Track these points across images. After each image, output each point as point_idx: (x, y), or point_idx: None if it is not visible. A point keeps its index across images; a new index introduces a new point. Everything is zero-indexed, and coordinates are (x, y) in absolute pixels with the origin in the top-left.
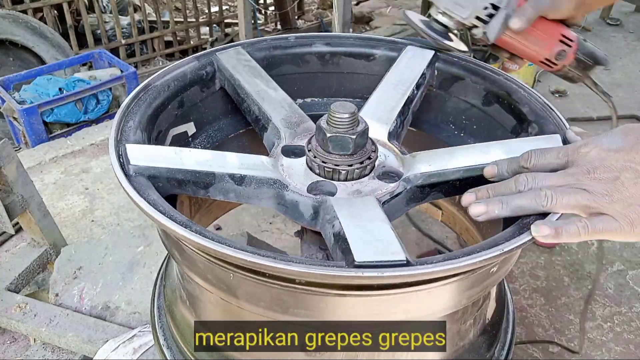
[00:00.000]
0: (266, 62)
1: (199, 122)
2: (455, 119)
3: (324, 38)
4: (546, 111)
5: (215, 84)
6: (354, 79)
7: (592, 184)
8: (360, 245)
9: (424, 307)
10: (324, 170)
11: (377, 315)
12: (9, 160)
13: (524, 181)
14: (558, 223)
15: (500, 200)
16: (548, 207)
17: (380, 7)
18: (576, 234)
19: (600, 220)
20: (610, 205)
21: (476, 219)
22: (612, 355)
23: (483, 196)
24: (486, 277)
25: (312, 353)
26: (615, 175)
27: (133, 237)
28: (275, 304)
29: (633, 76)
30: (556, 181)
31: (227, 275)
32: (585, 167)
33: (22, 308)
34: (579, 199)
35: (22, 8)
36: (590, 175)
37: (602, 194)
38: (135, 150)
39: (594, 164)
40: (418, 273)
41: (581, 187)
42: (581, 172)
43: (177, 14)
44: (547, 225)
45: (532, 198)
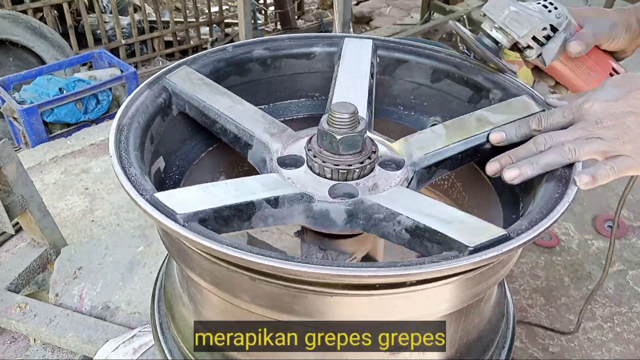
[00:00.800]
0: (213, 77)
1: (166, 154)
2: (403, 100)
3: (262, 43)
4: (501, 77)
5: (172, 110)
6: (296, 80)
7: (603, 132)
8: (456, 231)
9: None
10: (338, 173)
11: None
12: (9, 160)
13: (542, 141)
14: (591, 170)
15: (529, 161)
16: (574, 158)
17: (380, 7)
18: (606, 176)
19: (620, 161)
20: (623, 146)
21: (511, 182)
22: (612, 355)
23: (507, 162)
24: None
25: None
26: (620, 121)
27: (133, 237)
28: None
29: None
30: (571, 135)
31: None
32: (592, 119)
33: (22, 308)
34: (596, 147)
35: (22, 8)
36: (599, 125)
37: (614, 138)
38: (171, 198)
39: (599, 115)
40: (526, 241)
41: (595, 136)
42: (590, 124)
43: (177, 14)
44: (585, 174)
45: (558, 153)
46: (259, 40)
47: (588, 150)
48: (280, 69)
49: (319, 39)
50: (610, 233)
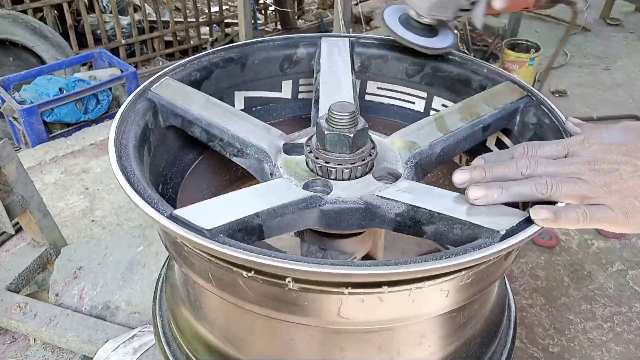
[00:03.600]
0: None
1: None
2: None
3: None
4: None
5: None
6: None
7: (592, 174)
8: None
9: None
10: (342, 172)
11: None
12: (9, 160)
13: (525, 165)
14: (557, 208)
15: (500, 186)
16: (547, 194)
17: (380, 7)
18: (575, 220)
19: (598, 209)
20: (608, 196)
21: (473, 202)
22: (612, 355)
23: (479, 176)
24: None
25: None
26: (614, 167)
27: (133, 237)
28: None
29: (633, 76)
30: (557, 169)
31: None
32: (586, 158)
33: (22, 308)
34: (577, 189)
35: (22, 8)
36: (590, 166)
37: (600, 185)
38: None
39: (595, 156)
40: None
41: (581, 177)
42: (582, 163)
43: (177, 14)
44: (546, 210)
45: (533, 185)
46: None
47: (567, 190)
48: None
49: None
50: (610, 233)
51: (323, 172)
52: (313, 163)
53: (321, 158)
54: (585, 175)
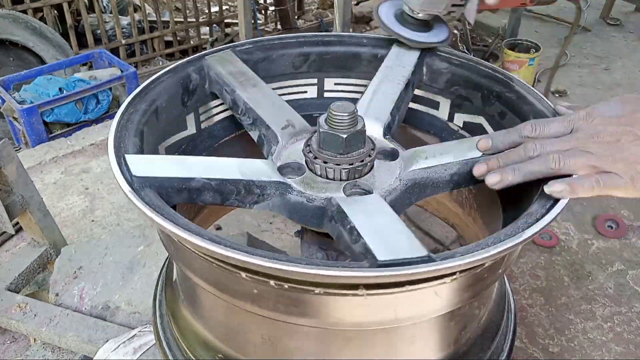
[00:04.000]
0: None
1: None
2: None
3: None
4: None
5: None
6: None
7: (596, 146)
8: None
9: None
10: (341, 172)
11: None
12: (9, 160)
13: (532, 147)
14: (572, 179)
15: (512, 168)
16: (557, 169)
17: None
18: (590, 189)
19: (609, 177)
20: (614, 164)
21: (492, 187)
22: (612, 355)
23: (494, 165)
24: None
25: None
26: (616, 138)
27: (133, 237)
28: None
29: (633, 76)
30: (562, 145)
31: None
32: (589, 132)
33: (22, 308)
34: (584, 161)
35: (22, 8)
36: (594, 139)
37: (606, 155)
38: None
39: (598, 129)
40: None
41: (586, 149)
42: (586, 136)
43: (177, 14)
44: (560, 182)
45: (542, 162)
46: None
47: (575, 162)
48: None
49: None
50: (610, 233)
51: (322, 173)
52: (312, 164)
53: (342, 163)
54: (591, 148)
